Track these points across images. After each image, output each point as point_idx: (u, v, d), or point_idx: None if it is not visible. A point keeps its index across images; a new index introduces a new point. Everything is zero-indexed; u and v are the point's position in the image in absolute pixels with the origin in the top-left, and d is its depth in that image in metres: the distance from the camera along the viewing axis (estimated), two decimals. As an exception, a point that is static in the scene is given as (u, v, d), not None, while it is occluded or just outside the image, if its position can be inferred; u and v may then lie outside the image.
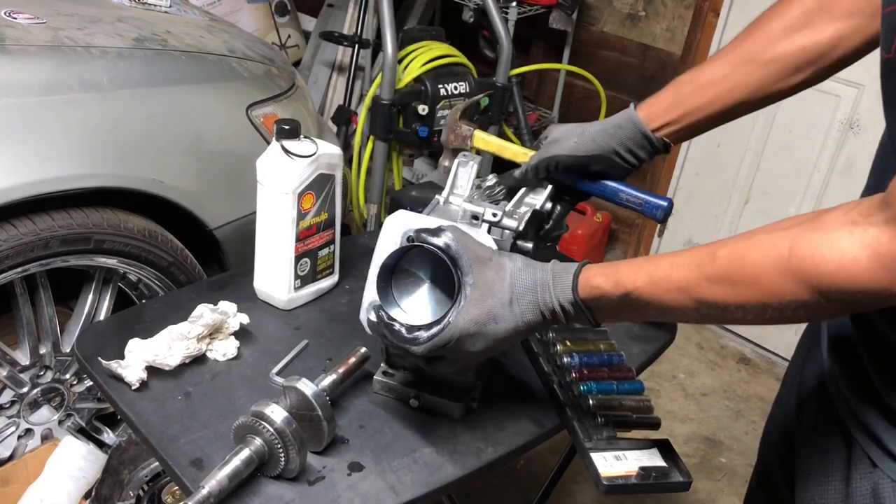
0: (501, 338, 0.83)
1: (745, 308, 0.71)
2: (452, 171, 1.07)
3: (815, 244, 0.65)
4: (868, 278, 0.62)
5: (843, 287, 0.63)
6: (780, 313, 0.69)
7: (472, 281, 0.82)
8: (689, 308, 0.76)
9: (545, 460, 2.08)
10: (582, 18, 3.12)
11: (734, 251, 0.72)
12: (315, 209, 1.18)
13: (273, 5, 3.32)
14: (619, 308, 0.81)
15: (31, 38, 1.45)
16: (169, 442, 0.95)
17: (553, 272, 0.83)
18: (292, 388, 0.91)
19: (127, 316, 1.20)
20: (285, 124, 1.14)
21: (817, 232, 0.66)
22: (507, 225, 0.99)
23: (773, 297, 0.68)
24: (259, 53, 1.86)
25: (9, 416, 1.54)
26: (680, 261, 0.76)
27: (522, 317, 0.83)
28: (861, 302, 0.65)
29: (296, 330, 1.18)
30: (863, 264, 0.62)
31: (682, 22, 2.90)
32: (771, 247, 0.69)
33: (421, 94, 2.48)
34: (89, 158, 1.44)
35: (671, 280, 0.76)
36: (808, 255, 0.65)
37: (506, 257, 0.85)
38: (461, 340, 0.82)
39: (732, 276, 0.71)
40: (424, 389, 1.03)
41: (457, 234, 0.85)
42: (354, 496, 0.90)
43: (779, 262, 0.67)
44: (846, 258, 0.63)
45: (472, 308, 0.81)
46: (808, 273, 0.65)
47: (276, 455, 0.88)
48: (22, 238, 1.35)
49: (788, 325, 0.73)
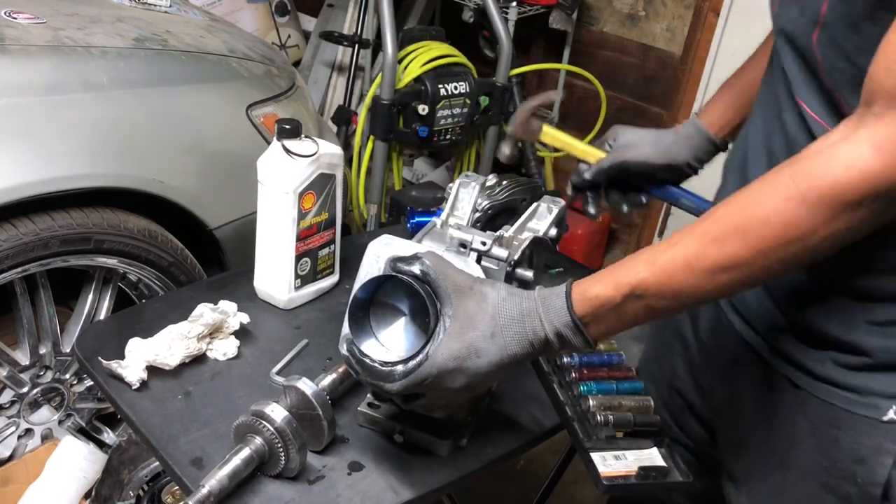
0: (484, 373, 0.77)
1: (766, 255, 0.67)
2: (453, 193, 1.02)
3: (816, 165, 0.65)
4: (881, 171, 0.62)
5: (859, 191, 0.63)
6: (803, 248, 0.66)
7: (452, 312, 0.76)
8: (704, 283, 0.71)
9: (545, 460, 2.07)
10: (582, 18, 3.12)
11: (733, 205, 0.70)
12: (315, 209, 1.18)
13: (273, 5, 3.32)
14: (625, 313, 0.75)
15: (31, 38, 1.45)
16: (169, 441, 0.95)
17: (541, 298, 0.77)
18: (292, 387, 0.91)
19: (127, 315, 1.20)
20: (286, 124, 1.14)
21: (812, 157, 0.66)
22: (497, 255, 0.90)
23: (792, 231, 0.66)
24: (259, 53, 1.86)
25: (9, 416, 1.54)
26: (677, 238, 0.72)
27: (507, 349, 0.77)
28: (880, 203, 0.63)
29: (296, 329, 1.18)
30: (871, 160, 0.62)
31: (682, 22, 2.90)
32: (771, 186, 0.67)
33: (421, 94, 2.49)
34: (89, 158, 1.44)
35: (675, 259, 0.71)
36: (814, 175, 0.64)
37: (488, 286, 0.79)
38: (440, 377, 0.76)
39: (742, 225, 0.68)
40: (410, 424, 0.97)
41: (435, 261, 0.79)
42: (354, 495, 0.90)
43: (786, 193, 0.66)
44: (852, 161, 0.63)
45: (451, 342, 0.75)
46: (821, 190, 0.64)
47: (277, 454, 0.88)
48: (22, 238, 1.35)
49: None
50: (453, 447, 0.98)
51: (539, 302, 0.77)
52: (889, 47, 0.63)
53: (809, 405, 0.83)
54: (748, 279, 0.70)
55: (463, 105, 2.56)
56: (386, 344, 0.80)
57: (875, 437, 0.79)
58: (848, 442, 0.80)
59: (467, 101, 2.56)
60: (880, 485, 0.79)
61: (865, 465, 0.80)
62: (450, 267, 0.80)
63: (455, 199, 1.02)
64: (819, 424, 0.82)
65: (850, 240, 0.66)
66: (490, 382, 0.82)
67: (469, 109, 2.58)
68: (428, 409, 0.83)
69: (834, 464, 0.82)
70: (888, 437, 0.78)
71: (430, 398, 0.80)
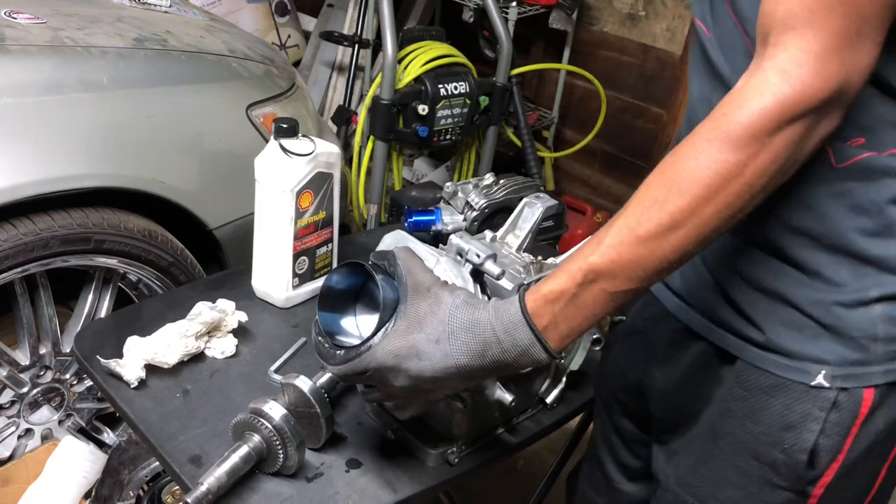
0: (428, 377, 0.75)
1: (707, 201, 0.66)
2: (517, 210, 1.00)
3: (731, 104, 0.66)
4: (791, 93, 0.63)
5: (776, 115, 0.64)
6: (741, 185, 0.66)
7: (405, 310, 0.75)
8: (655, 250, 0.68)
9: (545, 460, 2.07)
10: (582, 18, 3.13)
11: (662, 166, 0.69)
12: (313, 207, 1.18)
13: (273, 5, 3.32)
14: (584, 304, 0.72)
15: (31, 38, 1.45)
16: (168, 439, 0.95)
17: (495, 308, 0.75)
18: (290, 385, 0.92)
19: (125, 314, 1.20)
20: (283, 123, 1.14)
21: (727, 101, 0.66)
22: (489, 270, 0.89)
23: (724, 169, 0.65)
24: (259, 53, 1.86)
25: (9, 416, 1.54)
26: (617, 215, 0.71)
27: (452, 357, 0.74)
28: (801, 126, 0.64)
29: (294, 328, 1.18)
30: (779, 85, 0.63)
31: (683, 22, 2.90)
32: (694, 136, 0.67)
33: (421, 94, 2.49)
34: (89, 158, 1.44)
35: (620, 233, 0.69)
36: (730, 113, 0.65)
37: (446, 291, 0.77)
38: (380, 371, 0.76)
39: (675, 179, 0.67)
40: (405, 425, 0.98)
41: (405, 257, 0.79)
42: (352, 492, 0.90)
43: (708, 136, 0.66)
44: (763, 89, 0.64)
45: (395, 338, 0.74)
46: (741, 124, 0.64)
47: (275, 452, 0.89)
48: (22, 238, 1.35)
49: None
50: (440, 459, 0.96)
51: (492, 311, 0.75)
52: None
53: (743, 373, 0.83)
54: (696, 236, 0.68)
55: (463, 105, 2.56)
56: (362, 330, 0.82)
57: (804, 403, 0.79)
58: (779, 409, 0.80)
59: (467, 101, 2.56)
60: (806, 451, 0.79)
61: (794, 432, 0.80)
62: (417, 264, 0.79)
63: (518, 216, 1.00)
64: (752, 391, 0.82)
65: (783, 172, 0.67)
66: (441, 389, 0.79)
67: (469, 109, 2.58)
68: (383, 401, 0.84)
69: (764, 430, 0.82)
70: (816, 403, 0.78)
71: (382, 393, 0.81)
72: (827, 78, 0.63)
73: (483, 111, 2.68)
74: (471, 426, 0.97)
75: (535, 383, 1.03)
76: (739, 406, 0.83)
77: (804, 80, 0.63)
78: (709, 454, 0.87)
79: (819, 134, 0.66)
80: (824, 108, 0.64)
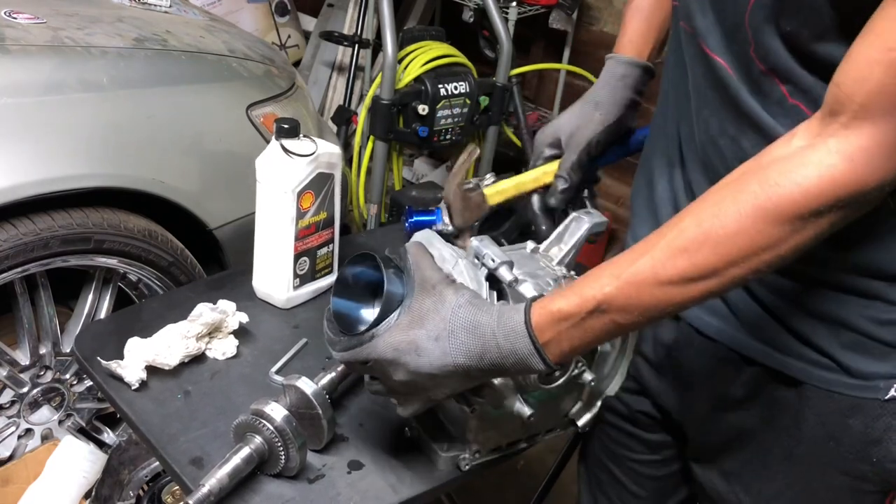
0: (426, 374, 0.75)
1: (737, 264, 0.66)
2: (564, 224, 0.99)
3: (784, 173, 0.64)
4: (853, 181, 0.62)
5: (828, 199, 0.63)
6: (775, 255, 0.66)
7: (409, 305, 0.76)
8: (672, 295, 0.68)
9: (545, 460, 2.07)
10: (582, 18, 3.12)
11: (701, 213, 0.67)
12: (314, 208, 1.18)
13: (273, 5, 3.32)
14: (590, 329, 0.71)
15: (31, 38, 1.45)
16: (169, 441, 0.95)
17: (499, 312, 0.74)
18: (292, 386, 0.91)
19: (126, 315, 1.20)
20: (284, 123, 1.14)
21: (780, 164, 0.65)
22: (502, 276, 0.87)
23: (764, 240, 0.64)
24: (259, 53, 1.86)
25: (9, 416, 1.54)
26: (642, 248, 0.70)
27: (450, 356, 0.74)
28: (846, 210, 0.64)
29: (295, 328, 1.18)
30: (843, 172, 0.62)
31: (682, 22, 2.90)
32: (740, 192, 0.66)
33: (421, 94, 2.49)
34: (89, 158, 1.44)
35: (642, 272, 0.68)
36: (783, 184, 0.64)
37: (451, 289, 0.77)
38: (380, 363, 0.76)
39: (712, 235, 0.66)
40: (423, 424, 0.97)
41: (415, 252, 0.80)
42: (354, 494, 0.90)
43: (755, 202, 0.64)
44: (823, 171, 0.62)
45: (396, 332, 0.75)
46: (793, 200, 0.63)
47: (276, 453, 0.88)
48: (22, 238, 1.35)
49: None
50: (451, 463, 0.95)
51: (496, 315, 0.74)
52: (858, 54, 0.62)
53: (812, 398, 0.85)
54: (717, 289, 0.68)
55: (463, 105, 2.56)
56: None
57: (883, 418, 0.82)
58: (859, 427, 0.83)
59: (467, 101, 2.56)
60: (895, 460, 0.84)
61: (879, 445, 0.83)
62: (427, 262, 0.79)
63: (565, 230, 0.99)
64: (827, 415, 0.84)
65: (816, 243, 0.66)
66: (439, 388, 0.79)
67: (469, 109, 2.58)
68: (385, 395, 0.84)
69: (848, 449, 0.85)
70: (894, 414, 0.82)
71: (384, 385, 0.82)
72: (889, 171, 0.62)
73: (483, 111, 2.68)
74: (487, 434, 0.95)
75: (563, 402, 1.00)
76: (816, 431, 0.85)
77: (868, 171, 0.62)
78: (790, 478, 0.90)
79: (865, 210, 0.66)
80: (878, 192, 0.64)
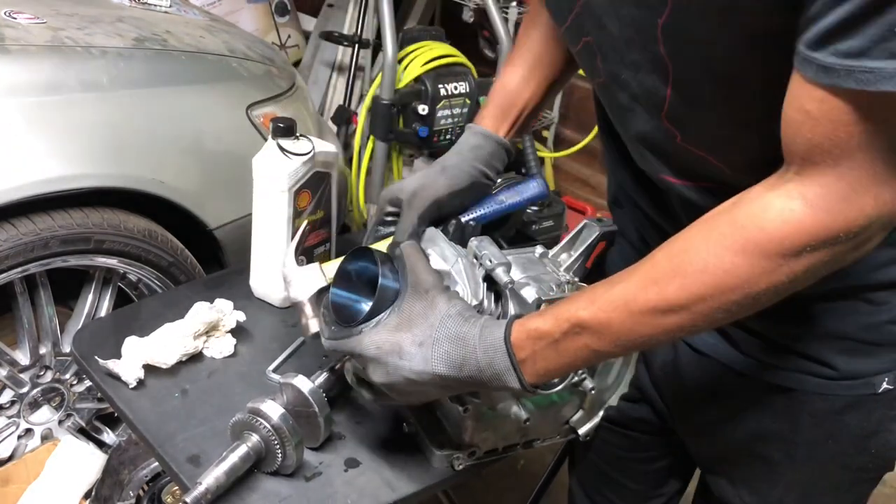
0: (406, 378, 0.76)
1: (706, 300, 0.66)
2: (576, 230, 1.00)
3: (751, 214, 0.64)
4: (814, 226, 0.61)
5: (796, 243, 0.62)
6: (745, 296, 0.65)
7: (399, 307, 0.76)
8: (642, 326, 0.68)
9: (545, 460, 2.07)
10: (582, 18, 3.12)
11: (674, 247, 0.68)
12: (311, 207, 1.18)
13: (273, 5, 3.32)
14: (565, 350, 0.72)
15: (31, 38, 1.45)
16: (166, 439, 0.95)
17: (483, 326, 0.75)
18: (289, 384, 0.92)
19: (123, 314, 1.20)
20: (281, 122, 1.14)
21: (747, 205, 0.65)
22: (498, 277, 0.88)
23: (732, 279, 0.64)
24: (259, 53, 1.86)
25: (9, 416, 1.54)
26: (619, 278, 0.71)
27: (431, 364, 0.74)
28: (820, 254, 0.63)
29: (292, 327, 1.18)
30: (805, 215, 0.62)
31: (683, 21, 2.90)
32: (711, 231, 0.66)
33: (421, 94, 2.49)
34: (89, 158, 1.44)
35: (614, 300, 0.69)
36: (749, 226, 0.64)
37: (444, 297, 0.77)
38: (363, 359, 0.77)
39: (681, 270, 0.66)
40: (421, 420, 0.96)
41: (411, 253, 0.80)
42: (351, 492, 0.90)
43: (723, 242, 0.65)
44: (786, 215, 0.62)
45: (382, 332, 0.75)
46: (758, 241, 0.63)
47: (273, 451, 0.89)
48: (22, 238, 1.35)
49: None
50: (445, 462, 0.95)
51: (479, 329, 0.75)
52: (789, 111, 0.62)
53: (808, 403, 0.87)
54: (689, 325, 0.68)
55: (463, 105, 2.56)
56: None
57: (878, 411, 0.85)
58: (855, 423, 0.86)
59: (467, 101, 2.57)
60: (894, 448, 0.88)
61: (877, 437, 0.87)
62: (422, 265, 0.80)
63: (576, 237, 0.99)
64: (822, 417, 0.87)
65: (798, 288, 0.65)
66: (417, 394, 0.80)
67: (469, 109, 2.58)
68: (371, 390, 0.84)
69: (846, 445, 0.88)
70: (887, 405, 0.85)
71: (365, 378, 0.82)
72: (858, 213, 0.61)
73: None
74: (483, 436, 0.95)
75: (564, 409, 0.99)
76: (814, 432, 0.88)
77: (830, 217, 0.61)
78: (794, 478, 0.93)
79: (859, 253, 0.64)
80: (858, 236, 0.62)
